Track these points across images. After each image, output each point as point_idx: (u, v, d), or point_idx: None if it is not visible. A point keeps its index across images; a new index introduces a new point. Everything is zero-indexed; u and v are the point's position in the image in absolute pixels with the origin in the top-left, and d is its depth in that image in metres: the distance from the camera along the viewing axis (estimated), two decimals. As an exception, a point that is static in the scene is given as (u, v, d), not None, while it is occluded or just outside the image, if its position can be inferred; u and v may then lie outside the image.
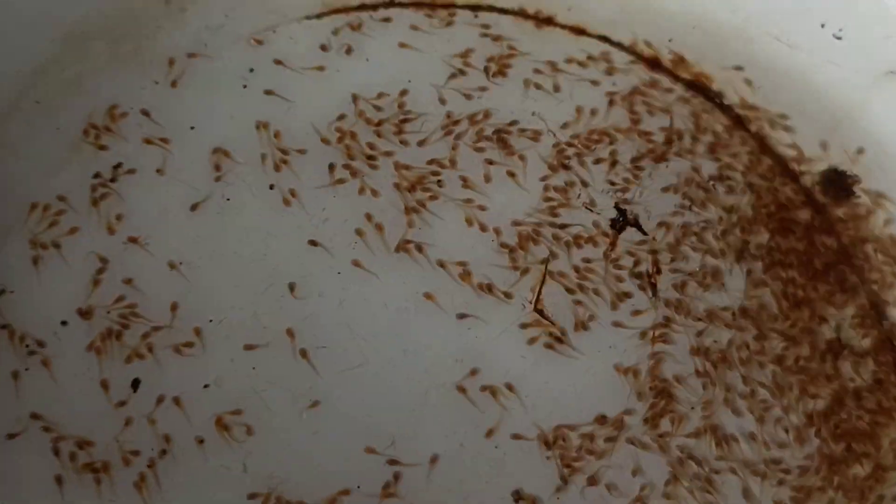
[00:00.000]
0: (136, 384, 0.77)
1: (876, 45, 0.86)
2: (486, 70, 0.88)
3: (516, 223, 0.83)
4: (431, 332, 0.79)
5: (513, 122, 0.86)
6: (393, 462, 0.76)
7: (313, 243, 0.81)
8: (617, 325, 0.80)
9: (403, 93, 0.87)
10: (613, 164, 0.86)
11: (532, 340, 0.79)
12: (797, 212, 0.86)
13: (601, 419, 0.77)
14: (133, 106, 0.85)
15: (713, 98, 0.90)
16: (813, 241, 0.85)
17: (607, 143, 0.86)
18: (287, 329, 0.79)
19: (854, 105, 0.88)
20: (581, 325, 0.80)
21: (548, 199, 0.84)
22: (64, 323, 0.78)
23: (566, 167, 0.85)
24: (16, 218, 0.80)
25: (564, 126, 0.86)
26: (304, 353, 0.78)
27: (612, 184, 0.85)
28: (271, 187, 0.83)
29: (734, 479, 0.76)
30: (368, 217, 0.82)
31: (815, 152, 0.87)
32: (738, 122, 0.89)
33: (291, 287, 0.80)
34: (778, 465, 0.77)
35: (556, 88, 0.88)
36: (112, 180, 0.82)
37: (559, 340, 0.80)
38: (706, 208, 0.85)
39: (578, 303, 0.80)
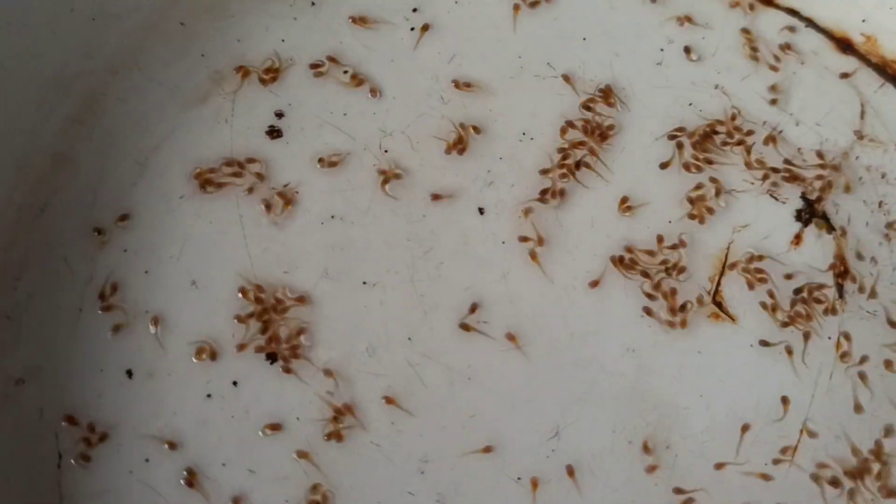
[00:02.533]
0: (271, 357, 0.70)
1: None
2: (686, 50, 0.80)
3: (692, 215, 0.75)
4: (602, 316, 0.72)
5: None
6: (556, 454, 0.69)
7: (480, 210, 0.73)
8: (792, 323, 0.73)
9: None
10: (798, 149, 0.78)
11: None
12: None
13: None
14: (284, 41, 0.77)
15: (904, 87, 0.82)
16: None
17: (793, 126, 0.79)
18: (445, 298, 0.71)
19: None
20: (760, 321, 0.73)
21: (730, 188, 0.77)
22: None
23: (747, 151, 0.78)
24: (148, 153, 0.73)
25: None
26: (464, 327, 0.71)
27: (794, 169, 0.77)
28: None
29: None
30: (544, 191, 0.75)
31: None
32: (931, 116, 0.82)
33: (451, 253, 0.72)
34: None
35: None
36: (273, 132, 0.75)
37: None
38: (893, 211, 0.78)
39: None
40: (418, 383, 0.70)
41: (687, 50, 0.79)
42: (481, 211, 0.74)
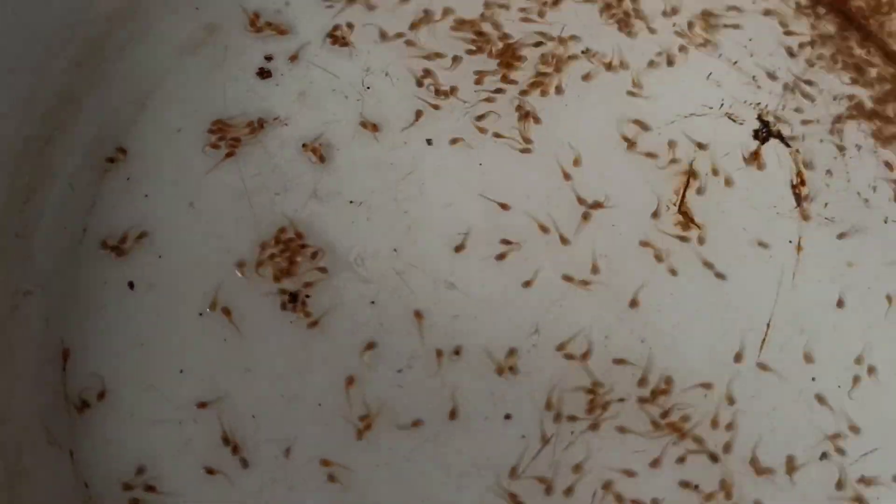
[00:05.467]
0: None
1: None
2: None
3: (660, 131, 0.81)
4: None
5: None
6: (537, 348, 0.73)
7: (455, 140, 0.79)
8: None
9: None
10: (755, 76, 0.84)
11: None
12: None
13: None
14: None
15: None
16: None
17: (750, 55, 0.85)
18: (428, 214, 0.76)
19: None
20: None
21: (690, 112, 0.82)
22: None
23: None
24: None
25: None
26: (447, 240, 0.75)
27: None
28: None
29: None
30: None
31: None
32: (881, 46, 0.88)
33: (432, 175, 0.78)
34: None
35: None
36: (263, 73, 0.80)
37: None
38: (845, 129, 0.83)
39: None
40: (405, 289, 0.74)
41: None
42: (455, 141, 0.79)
